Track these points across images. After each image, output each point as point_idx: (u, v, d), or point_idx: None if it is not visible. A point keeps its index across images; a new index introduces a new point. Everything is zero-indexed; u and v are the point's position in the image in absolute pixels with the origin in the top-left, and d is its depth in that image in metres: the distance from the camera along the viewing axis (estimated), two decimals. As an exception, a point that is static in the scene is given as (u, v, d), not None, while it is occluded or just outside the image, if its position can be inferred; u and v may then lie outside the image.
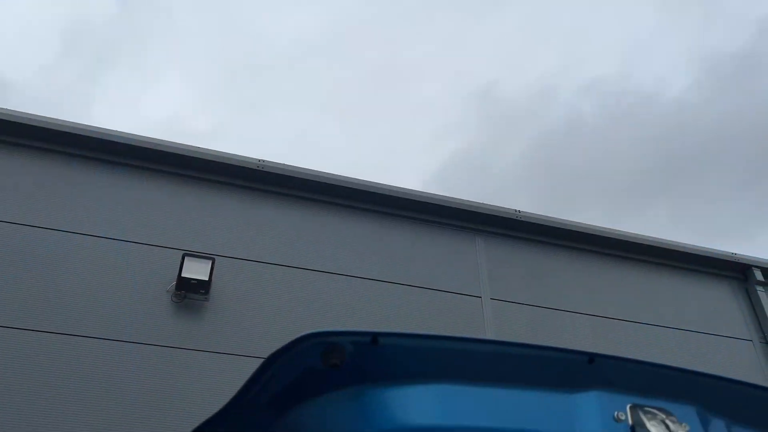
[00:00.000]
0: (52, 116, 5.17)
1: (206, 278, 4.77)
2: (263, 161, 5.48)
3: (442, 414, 1.44)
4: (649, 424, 1.49)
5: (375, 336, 1.39)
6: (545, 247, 6.13)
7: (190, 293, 4.77)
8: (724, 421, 1.61)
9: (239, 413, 1.48)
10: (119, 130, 5.30)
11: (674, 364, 1.65)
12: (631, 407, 1.53)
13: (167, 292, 4.77)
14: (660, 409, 1.55)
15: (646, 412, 1.52)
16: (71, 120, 5.22)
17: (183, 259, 4.78)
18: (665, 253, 6.36)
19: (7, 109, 5.10)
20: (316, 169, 5.65)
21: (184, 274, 4.72)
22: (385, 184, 5.80)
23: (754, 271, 6.35)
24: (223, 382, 4.45)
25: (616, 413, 1.52)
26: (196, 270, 4.77)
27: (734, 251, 6.50)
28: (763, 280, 6.34)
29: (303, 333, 1.36)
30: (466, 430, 1.44)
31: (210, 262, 4.82)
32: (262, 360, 1.45)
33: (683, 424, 1.53)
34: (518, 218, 6.02)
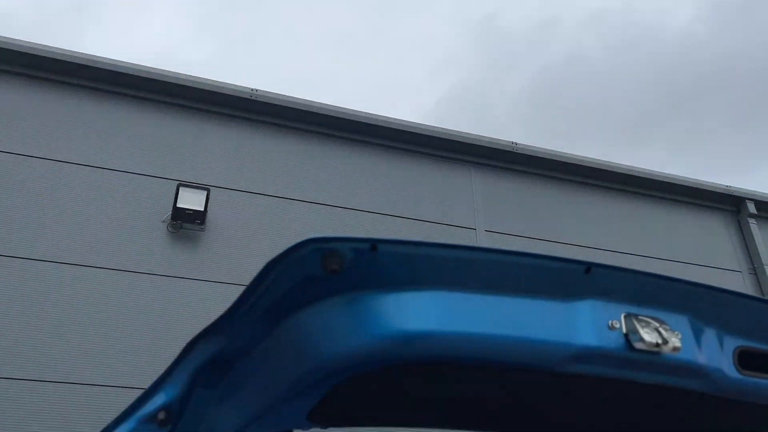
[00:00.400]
0: (44, 44, 5.01)
1: (201, 209, 4.76)
2: (256, 90, 5.37)
3: (438, 320, 1.45)
4: (642, 332, 1.51)
5: (374, 243, 1.39)
6: (541, 179, 6.13)
7: (185, 223, 4.77)
8: (716, 330, 1.64)
9: (237, 321, 1.49)
10: (112, 58, 5.16)
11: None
12: (625, 316, 1.55)
13: (163, 222, 4.77)
14: (654, 318, 1.57)
15: (640, 321, 1.55)
16: (63, 47, 5.08)
17: (178, 189, 4.75)
18: (660, 186, 6.38)
19: (-6, 35, 4.94)
20: (310, 100, 5.55)
21: (179, 205, 4.72)
22: (381, 116, 5.72)
23: (747, 204, 6.39)
24: (218, 311, 4.51)
25: (610, 322, 1.54)
26: (191, 200, 4.77)
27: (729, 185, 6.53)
28: (755, 212, 6.39)
29: (302, 239, 1.35)
30: (462, 336, 1.47)
31: (205, 193, 4.80)
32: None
33: (676, 333, 1.56)
34: (515, 151, 5.99)
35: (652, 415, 1.76)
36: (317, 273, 1.39)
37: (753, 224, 6.30)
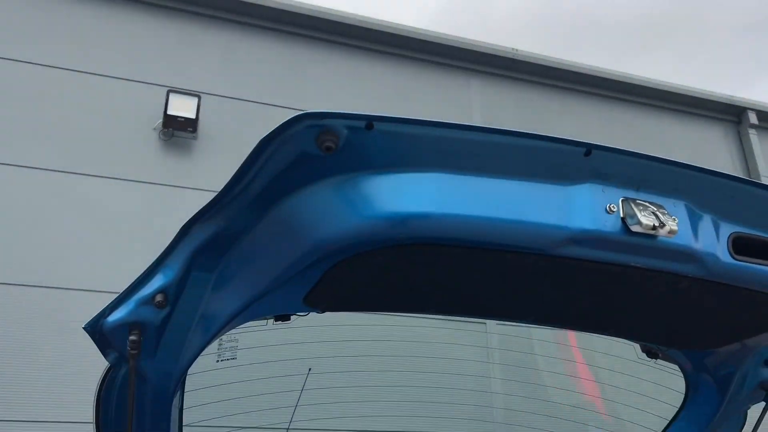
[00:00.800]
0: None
1: (193, 116, 4.65)
2: (246, -9, 5.12)
3: (436, 202, 1.43)
4: (639, 215, 1.50)
5: (371, 120, 1.34)
6: (541, 88, 5.99)
7: (177, 131, 4.68)
8: (712, 216, 1.63)
9: (232, 202, 1.47)
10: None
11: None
12: (623, 200, 1.53)
13: (154, 129, 4.67)
14: (651, 203, 1.56)
15: (637, 205, 1.54)
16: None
17: (168, 95, 4.62)
18: (663, 95, 6.25)
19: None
20: (304, 2, 5.31)
21: (170, 112, 4.60)
22: (377, 19, 5.49)
23: (749, 114, 6.30)
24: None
25: (608, 205, 1.53)
26: (182, 107, 4.65)
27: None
28: (756, 123, 6.31)
29: (295, 114, 1.31)
30: (460, 218, 1.45)
31: (196, 100, 4.68)
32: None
33: (673, 217, 1.55)
34: (515, 57, 5.81)
35: (646, 299, 1.78)
36: (312, 151, 1.34)
37: (753, 135, 6.23)
